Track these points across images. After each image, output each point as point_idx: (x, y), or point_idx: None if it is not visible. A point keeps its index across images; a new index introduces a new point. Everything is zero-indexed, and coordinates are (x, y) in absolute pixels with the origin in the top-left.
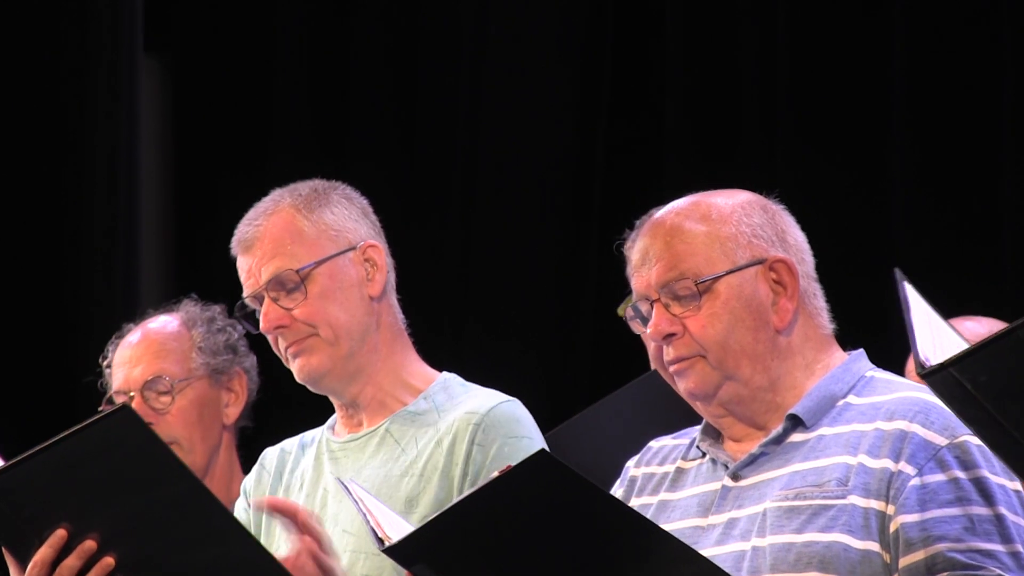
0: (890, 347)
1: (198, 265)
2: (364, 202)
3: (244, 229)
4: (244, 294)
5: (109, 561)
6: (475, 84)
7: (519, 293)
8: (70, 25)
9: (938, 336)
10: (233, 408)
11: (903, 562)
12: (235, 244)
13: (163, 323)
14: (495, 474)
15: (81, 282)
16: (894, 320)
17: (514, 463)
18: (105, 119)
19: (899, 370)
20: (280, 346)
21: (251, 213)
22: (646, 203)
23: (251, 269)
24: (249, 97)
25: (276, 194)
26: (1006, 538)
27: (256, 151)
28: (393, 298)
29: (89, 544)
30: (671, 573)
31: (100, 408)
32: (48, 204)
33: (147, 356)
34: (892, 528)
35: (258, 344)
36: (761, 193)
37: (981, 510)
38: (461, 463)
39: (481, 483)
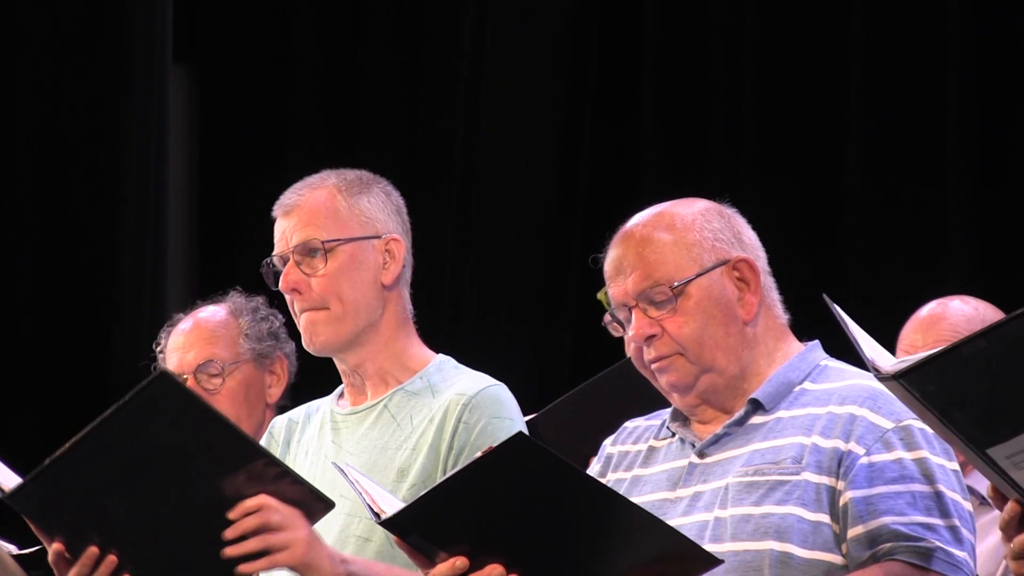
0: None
1: (220, 257)
2: (401, 201)
3: (288, 196)
4: (274, 252)
5: (112, 559)
6: (472, 96)
7: (510, 280)
8: (107, 37)
9: (874, 349)
10: (275, 389)
11: (851, 533)
12: (277, 208)
13: (212, 312)
14: (478, 454)
15: (114, 271)
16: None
17: (495, 442)
18: (137, 123)
19: (853, 359)
20: (294, 307)
21: (298, 184)
22: (625, 199)
23: (284, 232)
24: (267, 104)
25: (325, 173)
26: (945, 513)
27: (273, 154)
28: (405, 291)
29: (112, 560)
30: (639, 540)
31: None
32: (85, 201)
33: (199, 342)
34: (842, 502)
35: (296, 332)
36: (715, 199)
37: (922, 487)
38: (448, 438)
39: (465, 462)
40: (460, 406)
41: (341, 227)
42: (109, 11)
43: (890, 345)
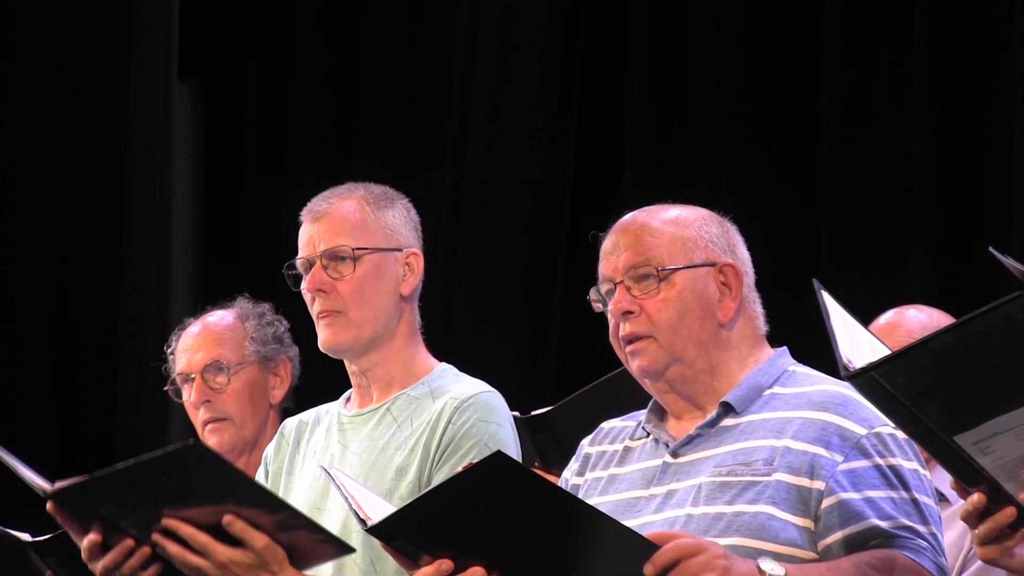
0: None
1: (222, 267)
2: (417, 218)
3: (318, 203)
4: (299, 255)
5: (146, 550)
6: (463, 116)
7: (498, 292)
8: (115, 56)
9: (855, 338)
10: (279, 390)
11: (842, 534)
12: (306, 213)
13: (220, 316)
14: (460, 468)
15: (122, 277)
16: (817, 321)
17: (477, 442)
18: (144, 138)
19: (822, 365)
20: (315, 308)
21: (327, 192)
22: (607, 213)
23: (312, 236)
24: (268, 120)
25: (352, 185)
26: (924, 520)
27: (273, 169)
28: (416, 302)
29: (146, 551)
30: (607, 546)
31: (164, 388)
32: (94, 212)
33: (207, 344)
34: (826, 504)
35: (300, 337)
36: (717, 212)
37: (901, 494)
38: (438, 437)
39: (448, 476)
40: (452, 409)
41: (368, 236)
42: (117, 31)
43: None
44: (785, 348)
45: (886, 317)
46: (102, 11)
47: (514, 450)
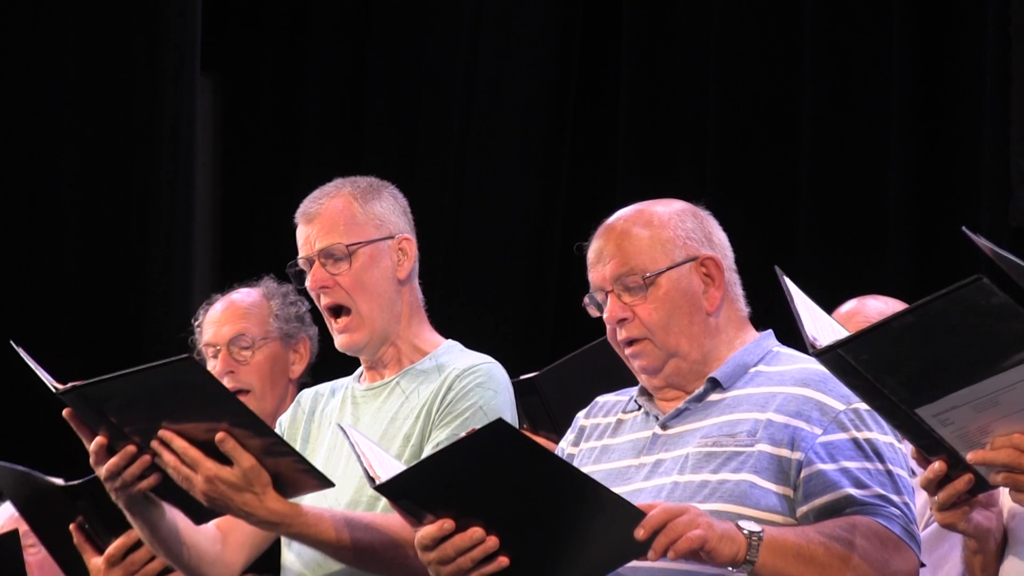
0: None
1: (241, 249)
2: (405, 202)
3: (308, 204)
4: (299, 256)
5: (146, 458)
6: (466, 107)
7: (496, 276)
8: (142, 50)
9: (817, 320)
10: (298, 366)
11: (819, 502)
12: (299, 215)
13: (247, 293)
14: (462, 434)
15: (148, 258)
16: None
17: (473, 405)
18: (169, 129)
19: (800, 345)
20: (321, 302)
21: (316, 192)
22: (602, 205)
23: (308, 237)
24: (284, 109)
25: (339, 181)
26: (896, 490)
27: (290, 154)
28: (415, 281)
29: (146, 459)
30: (599, 512)
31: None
32: (122, 196)
33: (233, 318)
34: (804, 474)
35: (318, 318)
36: (692, 201)
37: (875, 465)
38: (439, 401)
39: (451, 441)
40: (454, 376)
41: (360, 231)
42: (143, 26)
43: None
44: (770, 331)
45: (848, 305)
46: (131, 8)
47: (510, 418)
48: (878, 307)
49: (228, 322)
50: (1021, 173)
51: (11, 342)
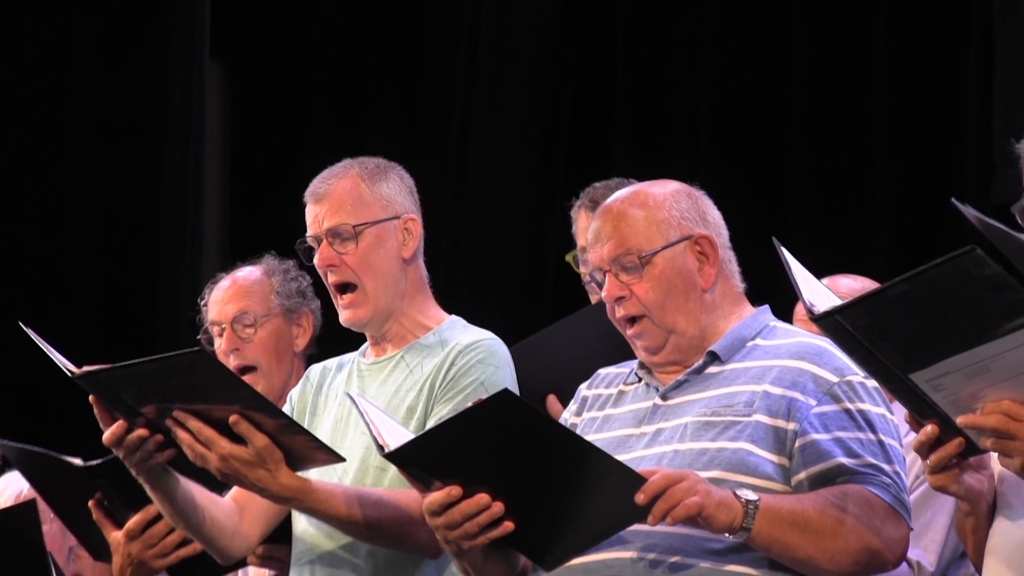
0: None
1: (249, 226)
2: (412, 182)
3: (317, 184)
4: (308, 234)
5: (159, 438)
6: (467, 91)
7: (499, 251)
8: (153, 36)
9: (813, 288)
10: (301, 340)
11: (812, 470)
12: (308, 195)
13: (249, 272)
14: (469, 404)
15: (159, 238)
16: (783, 282)
17: (474, 381)
18: (178, 113)
19: (789, 319)
20: (329, 280)
21: (325, 172)
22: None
23: (317, 216)
24: (292, 95)
25: (348, 162)
26: (888, 459)
27: (296, 136)
28: (420, 259)
29: (158, 438)
30: (600, 478)
31: (197, 336)
32: (134, 178)
33: (236, 297)
34: (799, 443)
35: (322, 291)
36: (686, 182)
37: (867, 435)
38: (442, 375)
39: (458, 411)
40: (457, 352)
41: (367, 211)
42: (154, 12)
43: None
44: (767, 306)
45: (822, 283)
46: None
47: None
48: (850, 285)
49: (231, 301)
50: (1003, 153)
51: (21, 324)
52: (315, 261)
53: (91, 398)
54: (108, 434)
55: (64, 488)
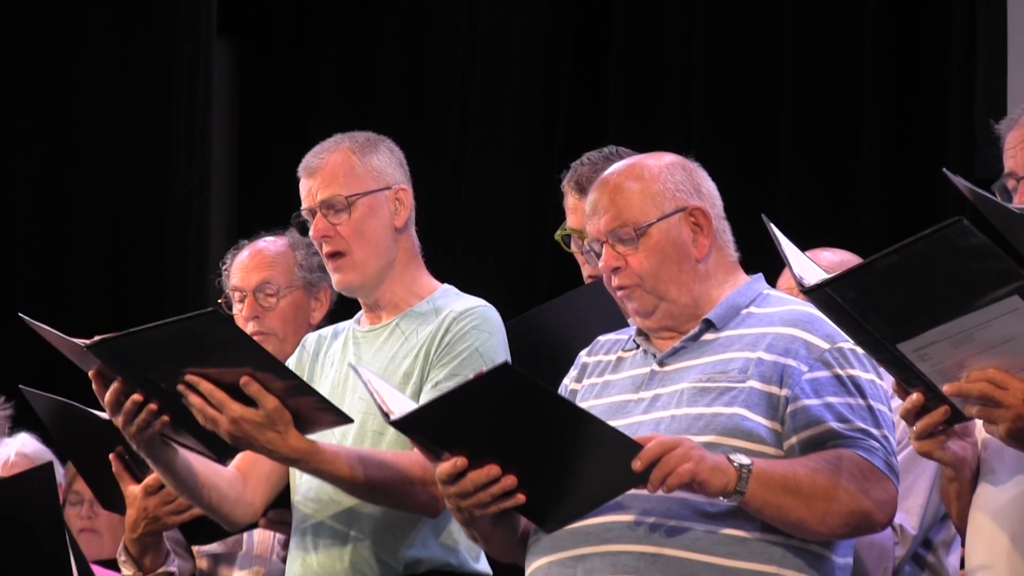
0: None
1: (255, 201)
2: (401, 155)
3: (310, 159)
4: (302, 207)
5: (165, 419)
6: (466, 81)
7: (496, 226)
8: (161, 16)
9: (802, 262)
10: (318, 312)
11: (803, 435)
12: (301, 169)
13: (272, 242)
14: (471, 375)
15: (168, 213)
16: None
17: (468, 347)
18: (187, 90)
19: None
20: (324, 250)
21: (317, 147)
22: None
23: (311, 190)
24: (296, 71)
25: (338, 137)
26: (877, 424)
27: (302, 117)
28: (412, 229)
29: (152, 407)
30: (599, 447)
31: (218, 300)
32: (144, 154)
33: (261, 266)
34: (790, 409)
35: None
36: (682, 154)
37: (857, 401)
38: (437, 342)
39: (450, 380)
40: (452, 319)
41: (358, 183)
42: None
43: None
44: (760, 275)
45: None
46: None
47: (504, 358)
48: (832, 259)
49: (255, 269)
50: (985, 129)
51: (22, 316)
52: (310, 233)
53: (90, 373)
54: (109, 393)
55: (86, 440)
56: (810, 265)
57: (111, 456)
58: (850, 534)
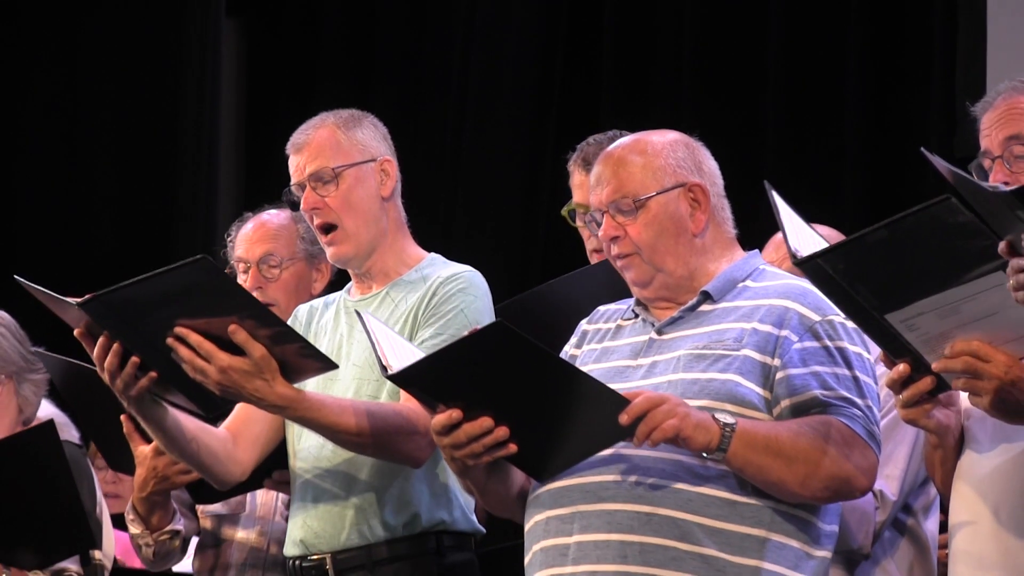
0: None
1: (261, 176)
2: (385, 129)
3: (297, 135)
4: (291, 183)
5: (135, 360)
6: (463, 62)
7: (493, 200)
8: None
9: (800, 232)
10: (319, 284)
11: (789, 402)
12: (289, 146)
13: (276, 215)
14: (466, 332)
15: (177, 188)
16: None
17: (455, 306)
18: (196, 69)
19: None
20: (314, 222)
21: (303, 125)
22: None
23: (299, 165)
24: (302, 51)
25: (324, 114)
26: (861, 394)
27: (307, 95)
28: (398, 199)
29: (135, 360)
30: (590, 402)
31: (224, 271)
32: (154, 131)
33: (264, 238)
34: (778, 377)
35: None
36: (686, 132)
37: (843, 371)
38: (424, 303)
39: (439, 335)
40: (439, 283)
41: (344, 155)
42: None
43: None
44: (757, 251)
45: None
46: None
47: (488, 320)
48: (824, 234)
49: (259, 241)
50: (965, 108)
51: (16, 277)
52: (301, 207)
53: (76, 332)
54: (97, 349)
55: (95, 401)
56: (809, 234)
57: (122, 417)
58: (830, 498)
